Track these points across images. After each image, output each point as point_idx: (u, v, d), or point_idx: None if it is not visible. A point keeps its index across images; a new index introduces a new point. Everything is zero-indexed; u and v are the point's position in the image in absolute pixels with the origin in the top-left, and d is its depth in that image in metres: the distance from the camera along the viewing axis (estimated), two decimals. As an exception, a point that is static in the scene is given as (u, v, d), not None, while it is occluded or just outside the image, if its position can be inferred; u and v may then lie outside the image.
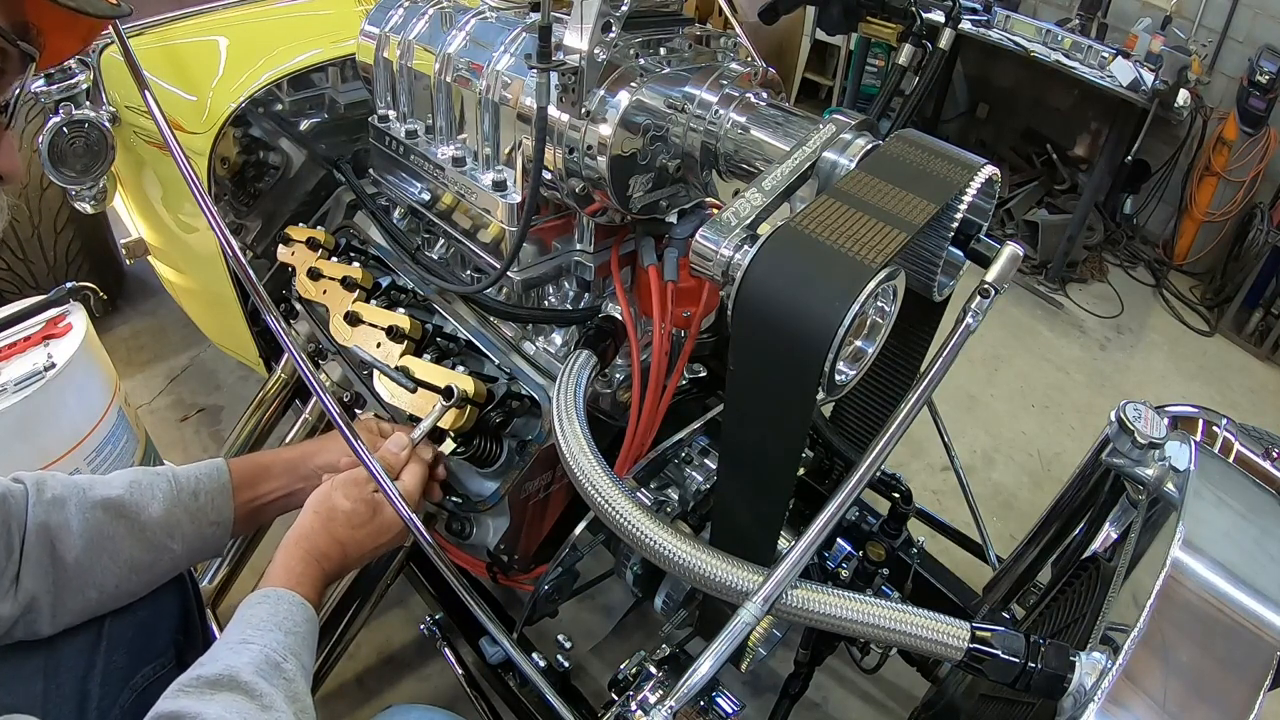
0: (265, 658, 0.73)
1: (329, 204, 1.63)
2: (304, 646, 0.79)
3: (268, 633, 0.76)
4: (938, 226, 0.79)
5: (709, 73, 0.99)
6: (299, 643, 0.78)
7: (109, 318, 2.54)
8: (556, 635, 1.17)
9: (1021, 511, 2.23)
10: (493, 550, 1.22)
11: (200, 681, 0.69)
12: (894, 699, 1.69)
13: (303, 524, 0.91)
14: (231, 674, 0.70)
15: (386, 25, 1.24)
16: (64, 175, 1.50)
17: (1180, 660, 0.68)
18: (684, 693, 0.74)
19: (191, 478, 0.94)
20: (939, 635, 0.74)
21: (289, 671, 0.74)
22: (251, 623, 0.77)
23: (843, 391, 0.76)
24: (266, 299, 1.10)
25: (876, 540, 1.32)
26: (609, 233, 1.17)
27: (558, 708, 1.00)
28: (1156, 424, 0.85)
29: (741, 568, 0.78)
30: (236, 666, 0.70)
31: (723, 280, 0.72)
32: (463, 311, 1.29)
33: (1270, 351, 3.18)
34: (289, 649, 0.76)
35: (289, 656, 0.75)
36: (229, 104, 1.42)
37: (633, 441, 1.12)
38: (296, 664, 0.76)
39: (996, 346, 2.98)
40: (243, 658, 0.72)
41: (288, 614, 0.80)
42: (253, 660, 0.72)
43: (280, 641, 0.76)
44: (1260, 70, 3.11)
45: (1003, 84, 4.08)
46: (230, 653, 0.73)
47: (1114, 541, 0.98)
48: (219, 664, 0.71)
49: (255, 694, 0.69)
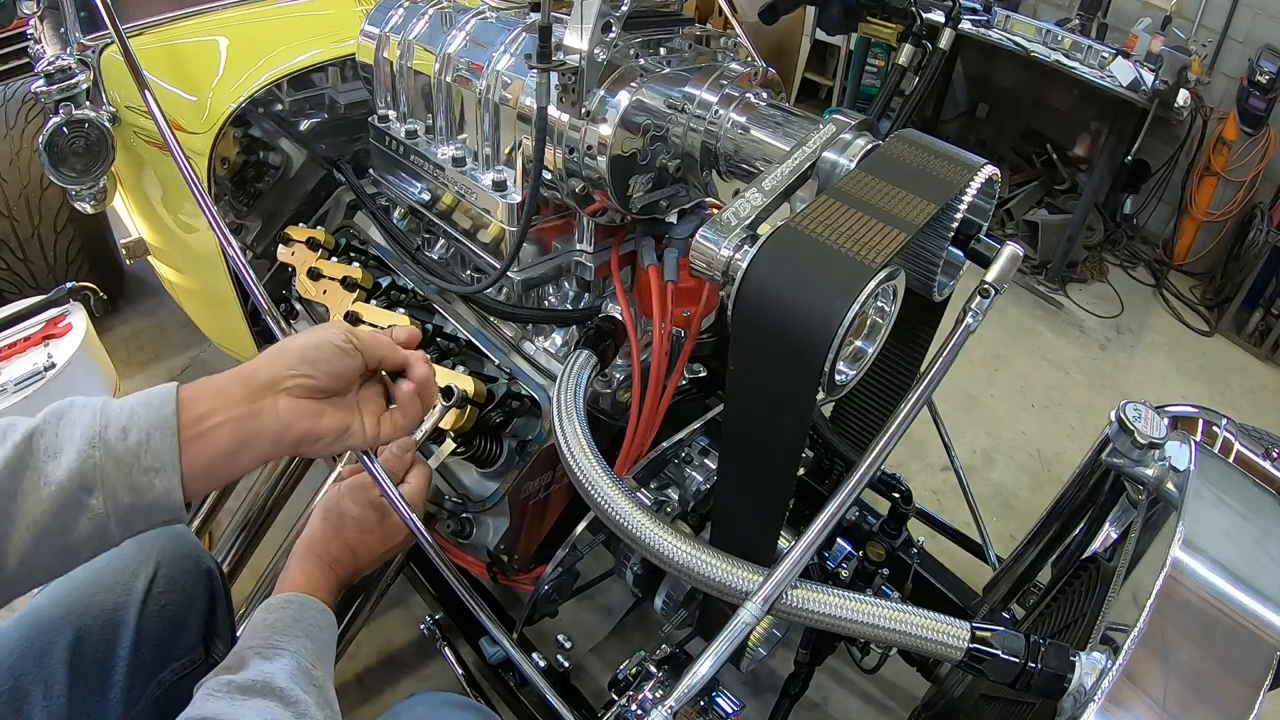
0: (297, 664, 0.72)
1: (329, 204, 1.63)
2: (329, 652, 0.79)
3: (295, 639, 0.75)
4: (938, 226, 0.79)
5: (709, 73, 0.99)
6: (324, 649, 0.78)
7: (109, 318, 2.54)
8: (556, 635, 1.17)
9: (1021, 511, 2.23)
10: (493, 550, 1.22)
11: (232, 686, 0.68)
12: (894, 699, 1.68)
13: (313, 531, 0.91)
14: (265, 680, 0.68)
15: (386, 25, 1.24)
16: (64, 175, 1.50)
17: (1180, 660, 0.68)
18: (684, 693, 0.74)
19: (122, 410, 0.68)
20: (939, 635, 0.74)
21: (318, 678, 0.74)
22: (277, 628, 0.76)
23: (843, 391, 0.76)
24: (266, 299, 1.10)
25: (876, 540, 1.32)
26: (609, 233, 1.17)
27: (558, 708, 1.00)
28: (1156, 424, 0.86)
29: (741, 568, 0.78)
30: (270, 673, 0.69)
31: (723, 280, 0.72)
32: (463, 311, 1.29)
33: (1270, 351, 3.18)
34: (316, 655, 0.76)
35: (317, 663, 0.75)
36: (229, 104, 1.42)
37: (633, 441, 1.12)
38: (324, 670, 0.76)
39: (996, 346, 2.98)
40: (275, 664, 0.71)
41: (312, 620, 0.79)
42: (285, 667, 0.71)
43: (308, 648, 0.75)
44: (1260, 70, 3.11)
45: (1003, 84, 4.08)
46: (260, 658, 0.72)
47: (1114, 541, 0.98)
48: (251, 670, 0.70)
49: (290, 701, 0.68)
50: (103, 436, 0.64)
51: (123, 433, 0.65)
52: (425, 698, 0.94)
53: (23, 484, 0.62)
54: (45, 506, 0.62)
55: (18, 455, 0.62)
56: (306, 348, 0.75)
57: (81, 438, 0.64)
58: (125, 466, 0.64)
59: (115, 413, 0.65)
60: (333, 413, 0.76)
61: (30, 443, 0.62)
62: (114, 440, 0.64)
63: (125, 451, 0.64)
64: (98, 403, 0.66)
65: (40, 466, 0.62)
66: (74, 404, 0.66)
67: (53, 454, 0.63)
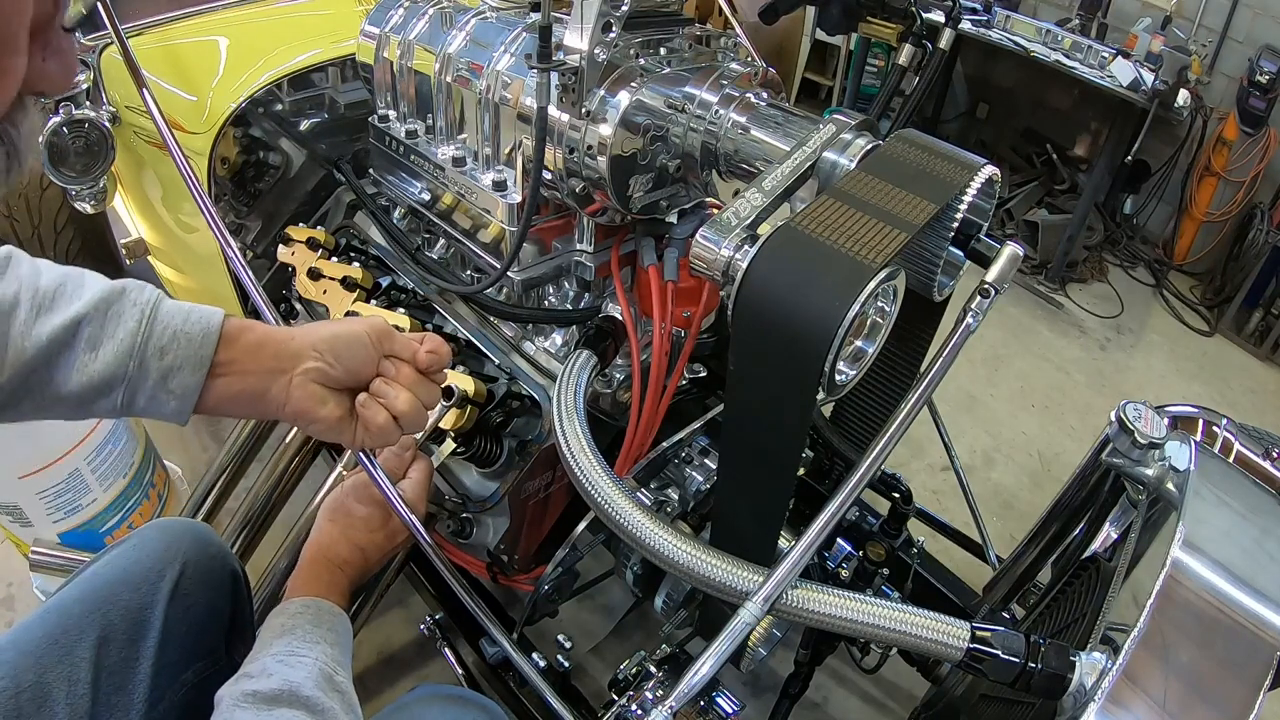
0: (320, 670, 0.72)
1: (329, 204, 1.63)
2: (348, 656, 0.79)
3: (316, 645, 0.75)
4: (938, 226, 0.79)
5: (709, 73, 0.99)
6: (343, 654, 0.78)
7: (109, 318, 2.54)
8: (556, 635, 1.17)
9: (1021, 511, 2.23)
10: (493, 550, 1.22)
11: (258, 697, 0.67)
12: (894, 699, 1.68)
13: (321, 534, 0.90)
14: (291, 689, 0.68)
15: (386, 25, 1.24)
16: (64, 175, 1.50)
17: (1180, 660, 0.68)
18: (684, 693, 0.74)
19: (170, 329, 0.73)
20: (939, 635, 0.74)
21: (341, 684, 0.73)
22: (296, 634, 0.76)
23: (843, 391, 0.76)
24: (266, 299, 1.10)
25: (876, 540, 1.32)
26: (609, 233, 1.17)
27: (558, 708, 1.00)
28: (1156, 424, 0.86)
29: (741, 568, 0.78)
30: (296, 681, 0.69)
31: (723, 280, 0.72)
32: (463, 311, 1.29)
33: (1270, 351, 3.18)
34: (337, 660, 0.75)
35: (338, 669, 0.75)
36: (229, 104, 1.42)
37: (633, 441, 1.13)
38: (345, 675, 0.76)
39: (996, 346, 2.98)
40: (299, 672, 0.71)
41: (330, 625, 0.79)
42: (310, 675, 0.71)
43: (329, 654, 0.75)
44: (1260, 70, 3.11)
45: (1003, 84, 4.08)
46: (283, 666, 0.71)
47: (1114, 541, 0.98)
48: (275, 678, 0.69)
49: (317, 709, 0.68)
50: (142, 350, 0.71)
51: (159, 353, 0.72)
52: (429, 690, 0.94)
53: (57, 365, 0.69)
54: (71, 389, 0.69)
55: (63, 335, 0.68)
56: (340, 336, 0.80)
57: (123, 342, 0.71)
58: (151, 382, 0.72)
59: (160, 329, 0.72)
60: (335, 405, 0.80)
61: (77, 330, 0.69)
62: (150, 357, 0.71)
63: (156, 370, 0.72)
64: (147, 304, 0.73)
65: (79, 354, 0.69)
66: (125, 294, 0.73)
67: (92, 346, 0.70)
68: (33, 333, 0.67)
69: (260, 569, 1.32)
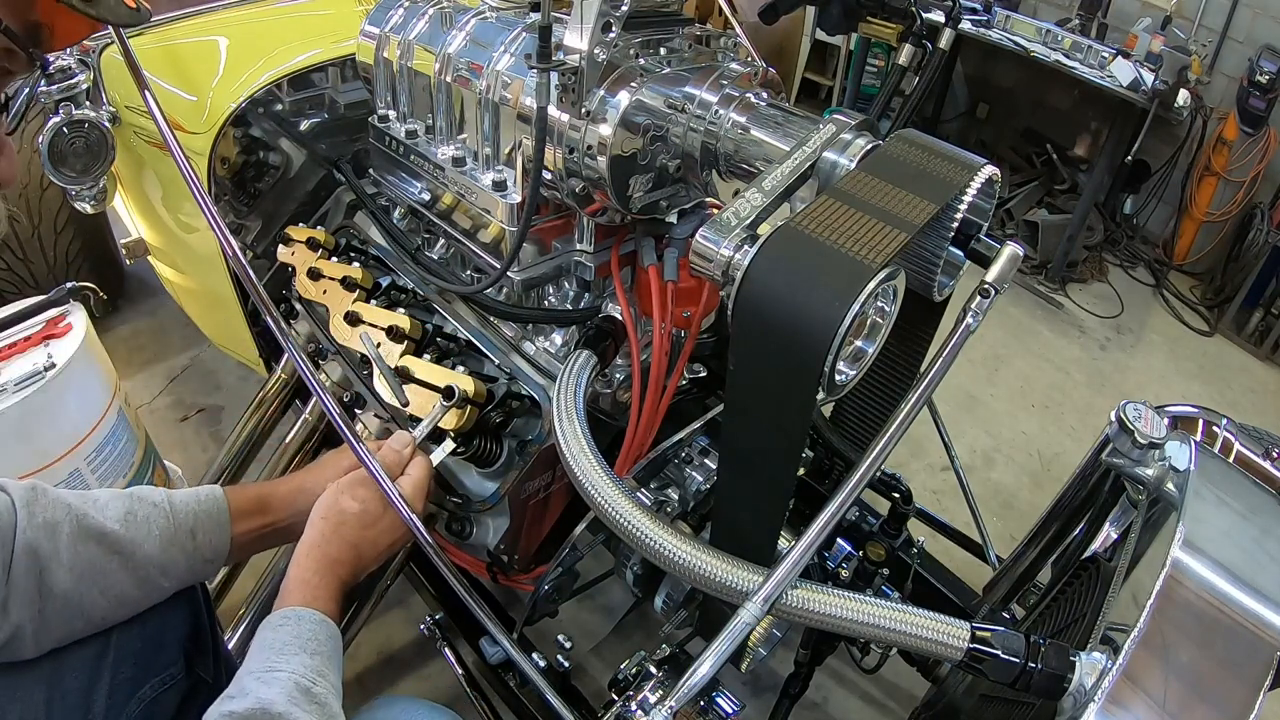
0: (295, 684, 0.72)
1: (329, 204, 1.63)
2: (331, 665, 0.79)
3: (293, 657, 0.75)
4: (938, 226, 0.79)
5: (709, 73, 0.99)
6: (325, 662, 0.78)
7: (109, 318, 2.54)
8: (556, 635, 1.17)
9: (1021, 511, 2.23)
10: (493, 550, 1.22)
11: (233, 717, 0.68)
12: (894, 699, 1.68)
13: (311, 534, 0.90)
14: (264, 707, 0.68)
15: (386, 25, 1.24)
16: (64, 175, 1.50)
17: (1180, 660, 0.68)
18: (684, 693, 0.74)
19: (189, 513, 0.90)
20: (939, 635, 0.74)
21: (320, 695, 0.73)
22: (275, 648, 0.76)
23: (843, 391, 0.76)
24: (266, 299, 1.10)
25: (876, 540, 1.32)
26: (609, 233, 1.17)
27: (558, 708, 1.00)
28: (1156, 424, 0.85)
29: (741, 568, 0.78)
30: (269, 699, 0.69)
31: (723, 280, 0.72)
32: (463, 311, 1.29)
33: (1270, 351, 3.18)
34: (316, 671, 0.75)
35: (318, 679, 0.75)
36: (229, 104, 1.42)
37: (633, 441, 1.12)
38: (326, 685, 0.75)
39: (996, 346, 2.98)
40: (273, 689, 0.71)
41: (311, 634, 0.79)
42: (284, 690, 0.71)
43: (307, 664, 0.75)
44: (1260, 70, 3.11)
45: (1003, 84, 4.08)
46: (259, 684, 0.72)
47: (1114, 541, 0.98)
48: (249, 698, 0.70)
49: None
50: (176, 537, 0.88)
51: (190, 534, 0.90)
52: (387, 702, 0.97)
53: (111, 566, 0.83)
54: (130, 581, 0.85)
55: (111, 545, 0.83)
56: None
57: (162, 538, 0.87)
58: (192, 560, 0.90)
59: (183, 516, 0.90)
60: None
61: (118, 539, 0.84)
62: (184, 539, 0.89)
63: (194, 548, 0.90)
64: (163, 502, 0.90)
65: (130, 554, 0.84)
66: (141, 499, 0.88)
67: (139, 543, 0.85)
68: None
69: (260, 569, 1.33)
